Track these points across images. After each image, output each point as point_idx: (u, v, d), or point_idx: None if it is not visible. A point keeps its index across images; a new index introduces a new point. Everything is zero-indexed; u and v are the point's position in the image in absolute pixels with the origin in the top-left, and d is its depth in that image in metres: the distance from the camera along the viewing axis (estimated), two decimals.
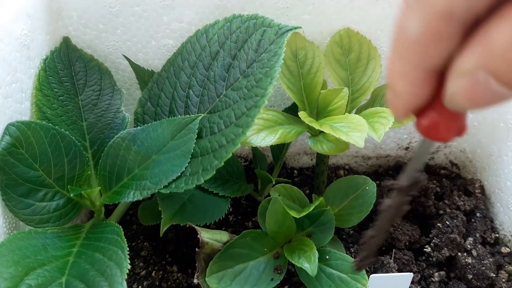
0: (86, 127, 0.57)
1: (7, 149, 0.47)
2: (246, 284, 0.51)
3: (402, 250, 0.63)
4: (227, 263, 0.52)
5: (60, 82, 0.57)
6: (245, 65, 0.51)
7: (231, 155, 0.48)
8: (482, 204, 0.70)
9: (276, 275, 0.53)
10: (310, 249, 0.53)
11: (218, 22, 0.54)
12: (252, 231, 0.55)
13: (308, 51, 0.59)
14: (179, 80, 0.56)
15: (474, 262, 0.61)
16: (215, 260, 0.52)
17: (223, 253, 0.53)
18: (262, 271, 0.53)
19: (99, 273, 0.43)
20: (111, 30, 0.62)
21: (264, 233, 0.55)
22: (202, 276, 0.51)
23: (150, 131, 0.52)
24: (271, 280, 0.53)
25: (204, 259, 0.52)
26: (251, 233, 0.55)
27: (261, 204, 0.57)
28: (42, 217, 0.50)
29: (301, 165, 0.80)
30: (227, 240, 0.54)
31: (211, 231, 0.54)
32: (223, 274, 0.51)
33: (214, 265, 0.52)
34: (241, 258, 0.53)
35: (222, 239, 0.54)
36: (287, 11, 0.60)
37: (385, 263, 0.60)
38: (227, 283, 0.51)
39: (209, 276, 0.51)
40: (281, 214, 0.53)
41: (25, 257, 0.44)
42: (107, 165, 0.53)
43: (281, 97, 0.69)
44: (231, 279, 0.51)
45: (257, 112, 0.47)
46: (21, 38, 0.52)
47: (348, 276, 0.53)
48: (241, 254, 0.53)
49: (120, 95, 0.60)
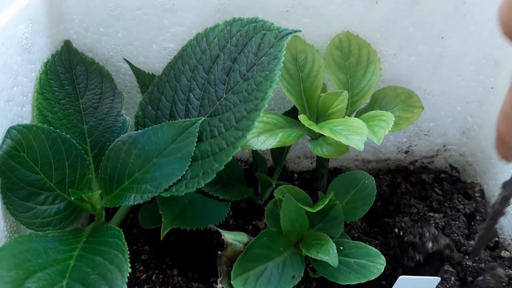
0: (87, 131, 0.58)
1: (9, 153, 0.48)
2: (269, 284, 0.51)
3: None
4: (249, 265, 0.52)
5: (61, 85, 0.58)
6: (245, 68, 0.51)
7: (232, 158, 0.48)
8: (482, 207, 0.70)
9: (297, 272, 0.53)
10: (326, 242, 0.53)
11: (219, 26, 0.54)
12: (268, 231, 0.55)
13: (308, 55, 0.59)
14: (179, 83, 0.56)
15: (474, 265, 0.61)
16: (238, 262, 0.51)
17: (244, 254, 0.52)
18: (282, 270, 0.53)
19: (100, 277, 0.43)
20: (112, 33, 0.62)
21: (279, 232, 0.55)
22: (225, 280, 0.51)
23: (151, 135, 0.53)
24: (292, 278, 0.52)
25: (225, 263, 0.52)
26: (267, 233, 0.55)
27: (267, 206, 0.57)
28: (43, 221, 0.50)
29: (301, 169, 0.80)
30: (247, 241, 0.54)
31: (232, 232, 0.54)
32: (247, 276, 0.51)
33: (238, 267, 0.51)
34: (260, 259, 0.53)
35: (243, 240, 0.54)
36: (287, 14, 0.60)
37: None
38: (251, 285, 0.51)
39: (234, 279, 0.50)
40: (295, 212, 0.54)
41: (26, 260, 0.44)
42: (107, 168, 0.53)
43: (281, 100, 0.69)
44: (255, 280, 0.51)
45: (257, 116, 0.47)
46: (22, 41, 0.52)
47: (365, 261, 0.53)
48: (261, 254, 0.53)
49: (121, 99, 0.60)
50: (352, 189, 0.61)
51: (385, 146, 0.77)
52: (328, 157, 0.58)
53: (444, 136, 0.76)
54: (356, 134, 0.51)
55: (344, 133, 0.51)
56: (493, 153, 0.70)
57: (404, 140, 0.77)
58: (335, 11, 0.60)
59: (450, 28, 0.63)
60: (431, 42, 0.64)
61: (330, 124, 0.54)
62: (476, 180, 0.76)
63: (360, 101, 0.62)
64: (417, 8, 0.61)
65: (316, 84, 0.59)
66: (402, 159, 0.80)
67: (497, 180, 0.69)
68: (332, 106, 0.57)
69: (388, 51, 0.65)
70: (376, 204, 0.72)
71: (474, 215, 0.69)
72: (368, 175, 0.61)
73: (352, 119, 0.54)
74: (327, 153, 0.55)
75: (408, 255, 0.60)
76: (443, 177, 0.78)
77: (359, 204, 0.60)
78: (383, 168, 0.81)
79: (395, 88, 0.64)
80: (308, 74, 0.60)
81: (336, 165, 0.79)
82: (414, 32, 0.63)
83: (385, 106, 0.63)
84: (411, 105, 0.63)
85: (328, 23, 0.61)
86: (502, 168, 0.68)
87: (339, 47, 0.62)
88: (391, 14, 0.61)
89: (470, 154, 0.77)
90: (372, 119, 0.56)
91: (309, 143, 0.57)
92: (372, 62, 0.62)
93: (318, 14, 0.60)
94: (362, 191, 0.60)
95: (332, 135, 0.51)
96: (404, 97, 0.63)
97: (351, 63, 0.62)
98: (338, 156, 0.56)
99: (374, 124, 0.55)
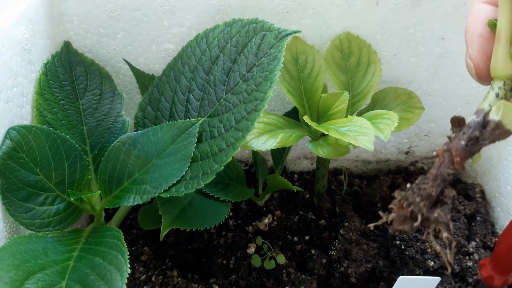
0: (86, 131, 0.58)
1: (8, 153, 0.48)
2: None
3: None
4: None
5: (61, 86, 0.57)
6: (245, 69, 0.51)
7: (231, 159, 0.48)
8: (483, 208, 0.70)
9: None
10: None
11: (218, 27, 0.54)
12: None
13: (309, 55, 0.59)
14: (179, 84, 0.56)
15: (475, 265, 0.61)
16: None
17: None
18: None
19: (99, 278, 0.43)
20: (112, 34, 0.62)
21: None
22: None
23: (150, 135, 0.53)
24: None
25: None
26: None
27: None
28: (43, 221, 0.50)
29: (301, 169, 0.80)
30: None
31: None
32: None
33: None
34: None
35: None
36: (287, 15, 0.60)
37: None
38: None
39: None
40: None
41: (25, 261, 0.43)
42: (107, 169, 0.53)
43: (281, 101, 0.69)
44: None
45: (257, 116, 0.47)
46: (22, 42, 0.52)
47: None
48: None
49: (121, 99, 0.60)
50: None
51: (385, 147, 0.77)
52: (329, 157, 0.58)
53: (444, 136, 0.76)
54: (364, 135, 0.50)
55: (351, 134, 0.51)
56: (493, 154, 0.70)
57: (404, 140, 0.77)
58: (335, 12, 0.60)
59: (450, 29, 0.63)
60: (432, 43, 0.64)
61: (334, 125, 0.54)
62: (476, 181, 0.76)
63: (361, 101, 0.62)
64: (417, 9, 0.61)
65: (317, 85, 0.59)
66: (402, 160, 0.80)
67: (498, 180, 0.69)
68: (333, 107, 0.57)
69: (389, 52, 0.65)
70: (376, 205, 0.72)
71: (474, 216, 0.69)
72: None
73: (356, 118, 0.54)
74: (327, 153, 0.55)
75: (408, 268, 0.60)
76: None
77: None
78: (383, 169, 0.81)
79: (396, 89, 0.64)
80: (308, 75, 0.59)
81: (337, 165, 0.79)
82: (414, 33, 0.63)
83: (386, 106, 0.63)
84: (411, 105, 0.63)
85: (329, 24, 0.61)
86: (502, 168, 0.68)
87: (340, 48, 0.62)
88: (392, 15, 0.61)
89: None
90: (376, 118, 0.56)
91: (310, 144, 0.57)
92: (372, 63, 0.62)
93: (318, 15, 0.60)
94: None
95: (340, 136, 0.51)
96: (404, 98, 0.63)
97: (352, 63, 0.62)
98: (339, 157, 0.56)
99: (379, 122, 0.54)
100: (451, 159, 0.28)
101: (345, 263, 0.60)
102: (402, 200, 0.29)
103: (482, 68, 0.33)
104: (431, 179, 0.28)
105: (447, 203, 0.28)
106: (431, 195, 0.28)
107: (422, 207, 0.28)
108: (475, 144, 0.28)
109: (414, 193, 0.28)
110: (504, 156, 0.68)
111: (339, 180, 0.77)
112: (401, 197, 0.29)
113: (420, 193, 0.28)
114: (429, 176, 0.28)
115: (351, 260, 0.61)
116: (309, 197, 0.74)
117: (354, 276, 0.59)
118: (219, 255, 0.64)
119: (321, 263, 0.62)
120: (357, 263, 0.60)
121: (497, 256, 0.50)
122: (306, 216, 0.70)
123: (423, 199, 0.28)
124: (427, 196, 0.28)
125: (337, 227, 0.67)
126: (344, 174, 0.76)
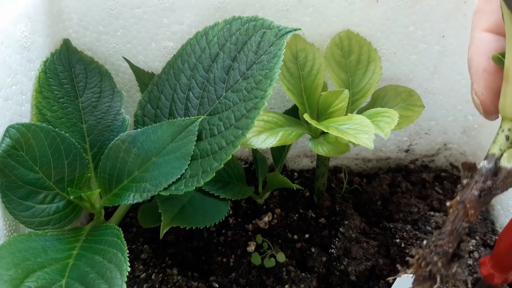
0: (86, 129, 0.57)
1: (7, 151, 0.47)
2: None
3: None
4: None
5: (60, 84, 0.57)
6: (244, 67, 0.51)
7: (231, 157, 0.48)
8: None
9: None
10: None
11: (218, 24, 0.54)
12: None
13: (309, 53, 0.59)
14: (179, 82, 0.56)
15: (475, 264, 0.61)
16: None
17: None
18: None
19: (99, 276, 0.43)
20: (111, 32, 0.62)
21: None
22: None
23: (150, 133, 0.52)
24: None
25: None
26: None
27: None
28: (42, 220, 0.50)
29: (301, 168, 0.80)
30: None
31: None
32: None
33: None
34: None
35: None
36: (287, 13, 0.60)
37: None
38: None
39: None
40: None
41: (25, 259, 0.43)
42: (107, 167, 0.53)
43: (281, 99, 0.69)
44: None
45: (256, 114, 0.47)
46: (21, 40, 0.52)
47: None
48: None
49: (120, 97, 0.60)
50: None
51: (385, 145, 0.77)
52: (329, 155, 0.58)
53: (444, 134, 0.76)
54: (364, 133, 0.50)
55: (351, 132, 0.51)
56: None
57: (404, 139, 0.77)
58: (335, 9, 0.60)
59: (450, 27, 0.62)
60: (432, 40, 0.64)
61: (335, 123, 0.54)
62: None
63: (361, 99, 0.61)
64: (418, 7, 0.60)
65: (317, 83, 0.59)
66: (402, 158, 0.80)
67: None
68: (333, 105, 0.57)
69: (389, 49, 0.65)
70: (376, 203, 0.72)
71: None
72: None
73: (356, 116, 0.54)
74: (327, 151, 0.55)
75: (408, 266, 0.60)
76: (443, 176, 0.78)
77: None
78: (383, 167, 0.81)
79: (396, 87, 0.63)
80: (308, 73, 0.59)
81: (337, 163, 0.79)
82: (414, 30, 0.63)
83: (386, 104, 0.63)
84: (411, 103, 0.62)
85: (328, 22, 0.61)
86: None
87: (340, 45, 0.62)
88: (392, 13, 0.61)
89: (471, 153, 0.77)
90: (376, 116, 0.56)
91: (310, 142, 0.57)
92: (372, 61, 0.61)
93: (318, 13, 0.60)
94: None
95: (340, 134, 0.50)
96: (404, 96, 0.63)
97: (352, 61, 0.62)
98: (339, 155, 0.56)
99: (379, 120, 0.54)
100: (466, 212, 0.27)
101: (345, 261, 0.60)
102: (420, 260, 0.29)
103: (489, 105, 0.32)
104: (447, 235, 0.28)
105: (464, 256, 0.28)
106: (448, 252, 0.28)
107: (440, 267, 0.28)
108: (488, 194, 0.27)
109: (432, 251, 0.28)
110: None
111: (339, 178, 0.77)
112: (419, 256, 0.29)
113: (437, 251, 0.28)
114: (444, 231, 0.28)
115: (351, 258, 0.61)
116: (309, 195, 0.73)
117: (354, 274, 0.59)
118: (219, 253, 0.64)
119: (321, 261, 0.62)
120: (357, 261, 0.60)
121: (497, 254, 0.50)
122: (306, 214, 0.70)
123: (440, 257, 0.28)
124: (444, 253, 0.28)
125: (337, 225, 0.66)
126: (344, 172, 0.76)
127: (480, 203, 0.27)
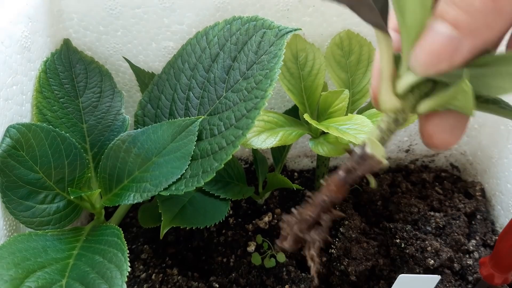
0: (86, 129, 0.57)
1: (8, 151, 0.47)
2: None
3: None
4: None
5: (61, 84, 0.57)
6: (245, 67, 0.51)
7: (231, 157, 0.48)
8: (483, 206, 0.70)
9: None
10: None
11: (218, 24, 0.54)
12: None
13: (309, 53, 0.59)
14: (179, 82, 0.56)
15: (475, 264, 0.61)
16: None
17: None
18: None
19: (99, 276, 0.43)
20: (112, 32, 0.62)
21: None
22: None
23: (150, 133, 0.52)
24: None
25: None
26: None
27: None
28: (42, 220, 0.50)
29: (301, 168, 0.80)
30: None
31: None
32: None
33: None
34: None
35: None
36: (287, 13, 0.60)
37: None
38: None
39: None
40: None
41: (25, 259, 0.43)
42: (107, 167, 0.53)
43: (281, 99, 0.69)
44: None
45: (257, 114, 0.47)
46: (21, 40, 0.52)
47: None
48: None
49: (121, 97, 0.60)
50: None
51: None
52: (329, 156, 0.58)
53: None
54: (364, 133, 0.50)
55: (351, 132, 0.51)
56: (494, 152, 0.70)
57: (404, 139, 0.77)
58: (335, 9, 0.60)
59: None
60: None
61: (335, 123, 0.54)
62: (476, 179, 0.76)
63: (361, 99, 0.61)
64: None
65: (317, 83, 0.59)
66: (402, 158, 0.80)
67: (498, 179, 0.69)
68: (333, 105, 0.57)
69: None
70: (376, 204, 0.72)
71: (474, 214, 0.69)
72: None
73: (356, 116, 0.54)
74: (327, 152, 0.55)
75: (408, 266, 0.60)
76: (443, 176, 0.78)
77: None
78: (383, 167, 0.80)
79: None
80: (309, 73, 0.59)
81: (337, 163, 0.79)
82: None
83: None
84: None
85: (329, 22, 0.61)
86: (503, 167, 0.68)
87: (340, 45, 0.61)
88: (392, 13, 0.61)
89: (471, 153, 0.77)
90: (376, 116, 0.56)
91: (310, 142, 0.57)
92: (373, 61, 0.61)
93: (319, 13, 0.60)
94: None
95: (340, 134, 0.50)
96: None
97: (352, 61, 0.62)
98: (339, 155, 0.56)
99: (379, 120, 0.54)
100: (330, 189, 0.32)
101: (345, 261, 0.60)
102: (285, 224, 0.34)
103: (376, 99, 0.34)
104: (310, 205, 0.32)
105: (323, 225, 0.33)
106: (307, 220, 0.32)
107: (296, 229, 0.33)
108: (349, 174, 0.32)
109: (295, 218, 0.33)
110: (504, 155, 0.68)
111: None
112: (286, 219, 0.34)
113: (300, 218, 0.33)
114: (311, 203, 0.33)
115: (351, 258, 0.61)
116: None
117: (354, 274, 0.59)
118: (219, 253, 0.64)
119: (321, 261, 0.62)
120: (357, 261, 0.60)
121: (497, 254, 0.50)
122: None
123: (297, 222, 0.33)
124: (303, 220, 0.33)
125: (337, 225, 0.66)
126: None
127: (342, 181, 0.32)
